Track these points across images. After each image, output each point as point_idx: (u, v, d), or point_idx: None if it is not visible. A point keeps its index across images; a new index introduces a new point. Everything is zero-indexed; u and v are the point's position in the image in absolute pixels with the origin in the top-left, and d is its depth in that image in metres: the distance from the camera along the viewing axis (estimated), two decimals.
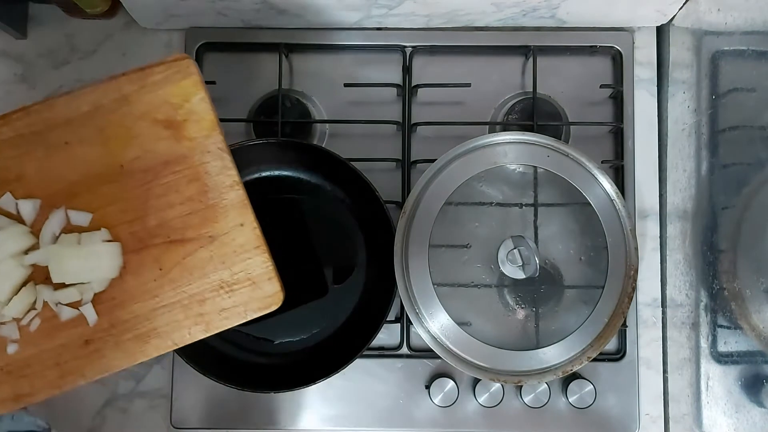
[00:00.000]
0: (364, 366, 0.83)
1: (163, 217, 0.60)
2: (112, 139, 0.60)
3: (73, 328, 0.59)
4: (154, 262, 0.60)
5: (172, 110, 0.60)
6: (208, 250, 0.60)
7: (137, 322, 0.60)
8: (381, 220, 0.78)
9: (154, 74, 0.61)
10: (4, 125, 0.59)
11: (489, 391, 0.80)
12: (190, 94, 0.61)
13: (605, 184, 0.76)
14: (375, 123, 0.86)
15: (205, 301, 0.60)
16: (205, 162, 0.61)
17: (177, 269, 0.60)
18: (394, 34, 0.88)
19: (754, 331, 0.68)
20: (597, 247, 0.76)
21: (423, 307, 0.74)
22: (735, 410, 0.70)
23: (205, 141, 0.61)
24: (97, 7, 0.84)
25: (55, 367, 0.59)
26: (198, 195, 0.60)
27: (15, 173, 0.59)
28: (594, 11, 0.85)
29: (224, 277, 0.60)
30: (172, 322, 0.60)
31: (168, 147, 0.60)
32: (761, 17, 0.66)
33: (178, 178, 0.60)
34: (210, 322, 0.60)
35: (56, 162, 0.60)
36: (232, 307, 0.61)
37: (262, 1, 0.81)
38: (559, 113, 0.86)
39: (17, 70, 0.88)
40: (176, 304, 0.60)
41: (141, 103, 0.60)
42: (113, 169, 0.60)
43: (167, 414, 0.83)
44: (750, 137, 0.70)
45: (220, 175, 0.61)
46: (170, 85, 0.60)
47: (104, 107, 0.60)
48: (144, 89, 0.60)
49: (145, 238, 0.60)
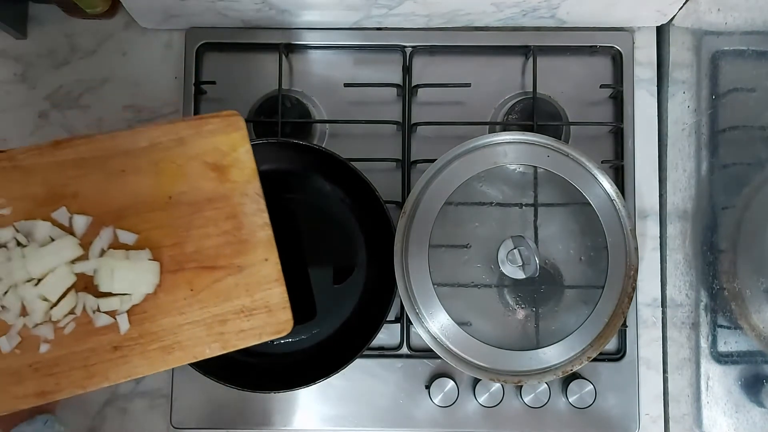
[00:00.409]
0: (364, 366, 0.83)
1: (200, 246, 0.67)
2: (165, 173, 0.67)
3: (104, 334, 0.64)
4: (186, 283, 0.66)
5: (221, 156, 0.68)
6: (235, 278, 0.67)
7: (164, 334, 0.65)
8: (381, 220, 0.78)
9: (209, 124, 0.69)
10: (68, 147, 0.66)
11: (489, 391, 0.80)
12: (238, 145, 0.69)
13: (605, 184, 0.76)
14: (375, 123, 0.86)
15: (226, 321, 0.66)
16: (242, 203, 0.68)
17: (206, 292, 0.67)
18: (394, 34, 0.88)
19: (754, 331, 0.68)
20: (597, 247, 0.76)
21: (423, 307, 0.74)
22: (735, 410, 0.70)
23: (245, 185, 0.69)
24: (97, 7, 0.84)
25: (82, 369, 0.63)
26: (233, 230, 0.68)
27: (72, 190, 0.65)
28: (594, 11, 0.85)
29: (246, 303, 0.67)
30: (195, 338, 0.66)
31: (212, 186, 0.68)
32: (761, 17, 0.67)
33: (218, 214, 0.68)
34: (228, 341, 0.66)
35: (111, 186, 0.66)
36: (249, 330, 0.67)
37: (262, 1, 0.81)
38: (559, 113, 0.87)
39: (17, 70, 0.88)
40: (200, 322, 0.66)
41: (194, 146, 0.68)
42: (161, 199, 0.67)
43: (167, 414, 0.83)
44: (750, 137, 0.70)
45: (254, 216, 0.68)
46: (221, 135, 0.69)
47: (161, 145, 0.67)
48: (199, 135, 0.68)
49: (182, 262, 0.67)
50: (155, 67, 0.89)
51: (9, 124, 0.88)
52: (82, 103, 0.88)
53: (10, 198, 0.65)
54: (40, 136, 0.87)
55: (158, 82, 0.88)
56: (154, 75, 0.89)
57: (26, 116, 0.88)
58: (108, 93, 0.88)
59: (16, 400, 0.63)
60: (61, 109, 0.88)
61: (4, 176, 0.65)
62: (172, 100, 0.88)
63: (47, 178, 0.65)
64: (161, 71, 0.89)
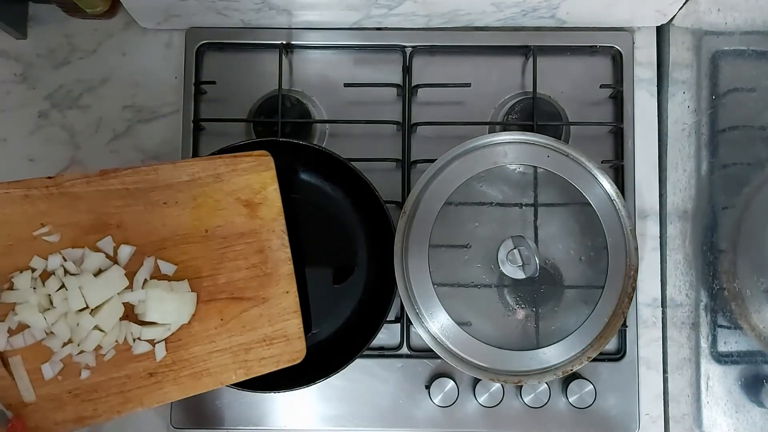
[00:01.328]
0: (364, 366, 0.83)
1: (231, 277, 0.71)
2: (203, 207, 0.71)
3: (141, 361, 0.67)
4: (217, 313, 0.70)
5: (253, 193, 0.73)
6: (260, 309, 0.72)
7: (195, 361, 0.69)
8: (381, 220, 0.78)
9: (244, 162, 0.73)
10: (114, 178, 0.68)
11: (489, 391, 0.80)
12: (268, 183, 0.73)
13: (605, 184, 0.76)
14: (375, 123, 0.86)
15: (250, 350, 0.71)
16: (269, 239, 0.73)
17: (234, 321, 0.71)
18: (394, 34, 0.88)
19: (754, 331, 0.68)
20: (597, 247, 0.76)
21: (423, 307, 0.74)
22: (735, 410, 0.70)
23: (272, 222, 0.73)
24: (97, 7, 0.84)
25: (119, 395, 0.67)
26: (260, 264, 0.72)
27: (117, 221, 0.68)
28: (594, 11, 0.85)
29: (267, 333, 0.72)
30: (223, 365, 0.70)
31: (244, 222, 0.72)
32: (761, 17, 0.67)
33: (248, 248, 0.72)
34: (251, 368, 0.71)
35: (152, 217, 0.69)
36: (269, 357, 0.72)
37: (262, 1, 0.81)
38: (559, 113, 0.86)
39: (17, 70, 0.88)
40: (228, 350, 0.70)
41: (230, 183, 0.72)
42: (198, 232, 0.71)
43: (167, 414, 0.83)
44: (750, 137, 0.70)
45: (279, 251, 0.73)
46: (254, 174, 0.73)
47: (201, 180, 0.71)
48: (234, 172, 0.72)
49: (214, 293, 0.70)
50: (155, 67, 0.89)
51: (9, 124, 0.88)
52: (82, 103, 0.88)
53: (57, 225, 0.66)
54: (40, 136, 0.87)
55: (158, 82, 0.88)
56: (154, 75, 0.89)
57: (26, 116, 0.88)
58: (108, 93, 0.88)
59: (56, 426, 0.65)
60: (61, 109, 0.88)
61: (53, 202, 0.66)
62: (172, 100, 0.88)
63: (93, 206, 0.67)
64: (161, 71, 0.89)
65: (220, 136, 0.85)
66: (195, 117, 0.86)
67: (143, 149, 0.87)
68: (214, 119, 0.86)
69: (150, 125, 0.88)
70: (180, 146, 0.86)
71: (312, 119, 0.87)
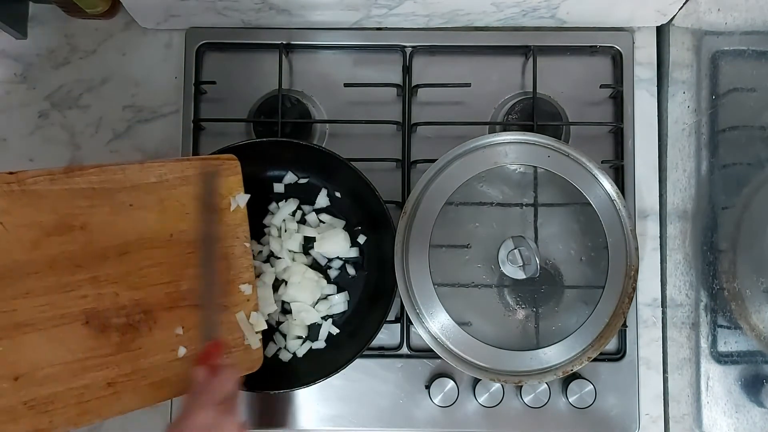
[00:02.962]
0: (364, 366, 0.83)
1: (193, 284, 0.69)
2: (169, 210, 0.69)
3: (100, 370, 0.65)
4: (179, 320, 0.68)
5: (219, 198, 0.71)
6: (220, 317, 0.70)
7: (155, 371, 0.67)
8: (381, 220, 0.78)
9: (210, 166, 0.71)
10: (80, 176, 0.65)
11: (489, 391, 0.80)
12: (234, 189, 0.72)
13: (605, 184, 0.76)
14: (375, 123, 0.86)
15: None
16: (233, 245, 0.72)
17: (194, 330, 0.69)
18: (394, 34, 0.88)
19: (753, 331, 0.68)
20: (597, 247, 0.76)
21: (423, 307, 0.74)
22: (735, 410, 0.70)
23: (236, 228, 0.72)
24: (97, 7, 0.84)
25: (77, 405, 0.64)
26: (223, 270, 0.71)
27: (81, 222, 0.65)
28: (594, 11, 0.85)
29: (227, 341, 0.70)
30: (183, 373, 0.67)
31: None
32: (761, 17, 0.67)
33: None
34: None
35: (118, 220, 0.67)
36: (227, 366, 0.68)
37: (262, 1, 0.81)
38: (559, 113, 0.87)
39: (17, 70, 0.88)
40: (188, 359, 0.68)
41: (197, 186, 0.70)
42: (163, 236, 0.68)
43: (167, 414, 0.83)
44: (750, 137, 0.70)
45: (241, 258, 0.72)
46: (221, 178, 0.71)
47: (168, 182, 0.69)
48: (201, 176, 0.70)
49: (177, 299, 0.68)
50: (155, 67, 0.89)
51: (9, 124, 0.87)
52: (82, 103, 0.88)
53: (16, 225, 0.62)
54: (40, 136, 0.87)
55: (158, 82, 0.88)
56: (154, 75, 0.89)
57: (26, 116, 0.88)
58: (108, 93, 0.88)
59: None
60: (61, 109, 0.88)
61: (14, 200, 0.61)
62: (172, 100, 0.88)
63: (57, 206, 0.64)
64: (161, 71, 0.89)
65: (220, 136, 0.85)
66: (195, 117, 0.86)
67: (143, 149, 0.87)
68: (214, 119, 0.86)
69: (150, 125, 0.88)
70: (180, 146, 0.86)
71: (312, 119, 0.87)
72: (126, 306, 0.66)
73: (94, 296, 0.64)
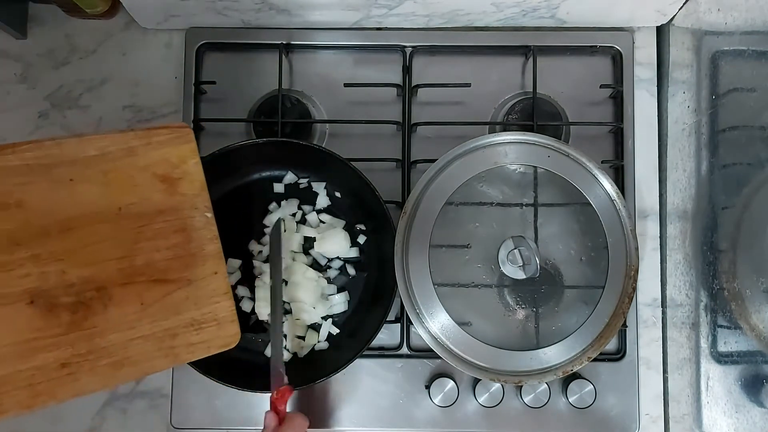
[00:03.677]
0: (364, 366, 0.83)
1: (150, 259, 0.66)
2: (114, 183, 0.66)
3: (51, 351, 0.62)
4: (136, 296, 0.66)
5: (171, 168, 0.68)
6: (185, 292, 0.67)
7: (114, 350, 0.64)
8: (381, 220, 0.78)
9: (159, 135, 0.68)
10: (12, 153, 0.62)
11: (489, 391, 0.80)
12: (188, 157, 0.69)
13: (605, 184, 0.76)
14: (375, 123, 0.86)
15: (176, 335, 0.67)
16: (192, 216, 0.69)
17: (156, 305, 0.66)
18: (394, 34, 0.88)
19: (753, 331, 0.68)
20: (597, 247, 0.76)
21: (423, 307, 0.74)
22: (735, 410, 0.70)
23: (195, 198, 0.69)
24: (97, 7, 0.84)
25: (27, 388, 0.61)
26: (183, 243, 0.68)
27: (16, 199, 0.62)
28: (594, 11, 0.85)
29: (195, 317, 0.68)
30: (145, 353, 0.65)
31: (162, 198, 0.68)
32: (761, 17, 0.67)
33: (167, 227, 0.67)
34: (178, 355, 0.67)
35: (58, 196, 0.63)
36: (199, 343, 0.68)
37: (262, 1, 0.81)
38: (559, 113, 0.87)
39: (17, 70, 0.88)
40: (150, 336, 0.66)
41: (144, 157, 0.67)
42: (111, 210, 0.66)
43: (167, 414, 0.83)
44: (750, 137, 0.70)
45: (203, 229, 0.69)
46: (171, 147, 0.68)
47: (111, 154, 0.66)
48: (149, 146, 0.67)
49: (132, 275, 0.66)
50: (155, 67, 0.89)
51: (9, 124, 0.87)
52: (82, 103, 0.88)
53: None
54: (40, 136, 0.87)
55: (158, 82, 0.88)
56: (154, 75, 0.89)
57: (26, 116, 0.88)
58: (108, 93, 0.88)
59: None
60: (61, 109, 0.88)
61: None
62: (172, 100, 0.88)
63: None
64: (161, 71, 0.89)
65: (220, 136, 0.85)
66: (195, 117, 0.86)
67: None
68: (214, 119, 0.86)
69: (150, 125, 0.88)
70: None
71: (312, 119, 0.87)
72: (75, 284, 0.63)
73: (38, 275, 0.62)
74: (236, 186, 0.83)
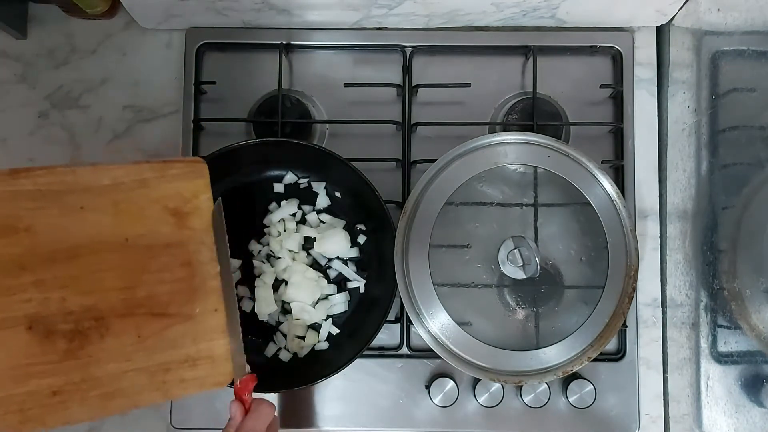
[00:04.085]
0: (364, 366, 0.83)
1: (152, 291, 0.66)
2: (124, 214, 0.66)
3: (44, 377, 0.61)
4: (134, 328, 0.65)
5: (182, 202, 0.68)
6: (183, 327, 0.67)
7: (107, 380, 0.63)
8: (381, 220, 0.78)
9: (174, 168, 0.68)
10: (26, 178, 0.62)
11: (489, 391, 0.80)
12: (200, 192, 0.69)
13: (605, 184, 0.76)
14: (375, 123, 0.86)
15: (170, 370, 0.66)
16: (198, 251, 0.68)
17: (153, 339, 0.65)
18: (394, 34, 0.88)
19: (753, 331, 0.68)
20: (597, 247, 0.76)
21: (423, 307, 0.74)
22: (735, 410, 0.70)
23: (202, 234, 0.69)
24: (97, 7, 0.84)
25: (18, 413, 0.60)
26: (187, 277, 0.67)
27: (26, 224, 0.61)
28: (594, 11, 0.85)
29: (191, 353, 0.67)
30: (137, 385, 0.64)
31: (171, 231, 0.67)
32: (761, 17, 0.67)
33: (173, 260, 0.67)
34: (169, 390, 0.66)
35: (67, 223, 0.63)
36: (192, 380, 0.67)
37: (262, 1, 0.81)
38: (559, 113, 0.87)
39: (17, 70, 0.88)
40: (144, 369, 0.65)
41: (157, 190, 0.67)
42: (118, 240, 0.65)
43: (167, 414, 0.83)
44: (750, 137, 0.70)
45: (207, 265, 0.68)
46: (185, 181, 0.68)
47: (124, 185, 0.66)
48: (163, 178, 0.67)
49: (132, 306, 0.65)
50: (155, 67, 0.89)
51: (9, 124, 0.87)
52: (82, 103, 0.88)
53: None
54: (40, 136, 0.87)
55: (158, 82, 0.88)
56: (154, 75, 0.89)
57: (26, 116, 0.88)
58: (108, 93, 0.88)
59: None
60: (61, 109, 0.88)
61: None
62: (172, 100, 0.88)
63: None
64: (161, 71, 0.89)
65: (220, 136, 0.85)
66: (195, 117, 0.86)
67: (143, 149, 0.87)
68: (214, 119, 0.86)
69: (150, 125, 0.88)
70: (180, 146, 0.86)
71: (312, 119, 0.87)
72: (74, 311, 0.62)
73: (39, 300, 0.61)
74: (236, 186, 0.83)
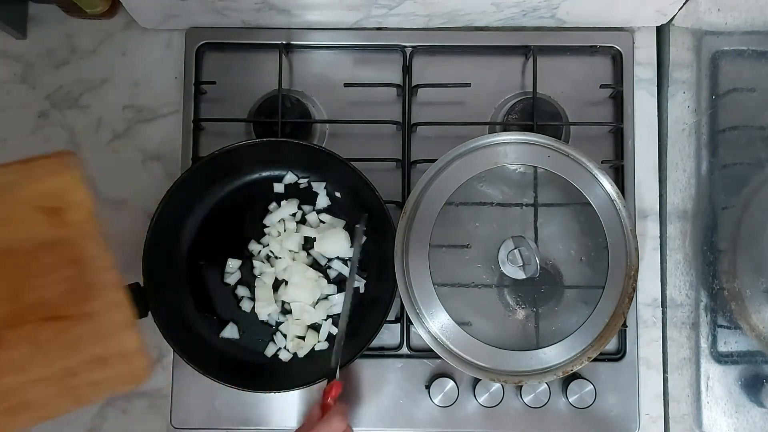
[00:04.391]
0: (364, 366, 0.83)
1: (42, 295, 0.62)
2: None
3: None
4: (28, 338, 0.61)
5: (55, 199, 0.63)
6: (83, 327, 0.63)
7: (8, 395, 0.60)
8: (381, 220, 0.78)
9: (38, 166, 0.63)
10: None
11: (489, 391, 0.80)
12: (73, 185, 0.64)
13: (605, 184, 0.76)
14: (375, 123, 0.86)
15: (77, 374, 0.62)
16: (85, 246, 0.64)
17: (52, 345, 0.62)
18: (394, 34, 0.88)
19: (753, 331, 0.68)
20: (597, 247, 0.76)
21: (423, 307, 0.74)
22: (735, 410, 0.70)
23: (84, 227, 0.64)
24: (97, 7, 0.84)
25: None
26: (77, 275, 0.63)
27: None
28: (594, 11, 0.85)
29: (98, 352, 0.63)
30: (44, 396, 0.61)
31: (48, 231, 0.63)
32: (761, 17, 0.67)
33: (58, 260, 0.63)
34: (81, 395, 0.62)
35: None
36: (104, 380, 0.63)
37: (262, 1, 0.81)
38: (559, 113, 0.87)
39: (17, 70, 0.88)
40: (48, 378, 0.61)
41: (24, 191, 0.62)
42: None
43: (167, 414, 0.83)
44: (750, 137, 0.70)
45: (98, 259, 0.64)
46: (54, 177, 0.63)
47: None
48: (28, 179, 0.63)
49: (21, 315, 0.61)
50: (155, 67, 0.89)
51: (9, 124, 0.87)
52: (82, 103, 0.88)
53: None
54: (40, 136, 0.87)
55: (158, 82, 0.88)
56: (154, 75, 0.89)
57: (26, 116, 0.88)
58: (108, 93, 0.88)
59: None
60: (61, 109, 0.88)
61: None
62: (172, 100, 0.88)
63: None
64: (161, 71, 0.89)
65: (220, 136, 0.85)
66: (195, 117, 0.86)
67: (143, 149, 0.87)
68: (214, 119, 0.86)
69: (150, 125, 0.88)
70: (180, 146, 0.86)
71: (312, 119, 0.87)
72: None
73: None
74: (236, 186, 0.83)
